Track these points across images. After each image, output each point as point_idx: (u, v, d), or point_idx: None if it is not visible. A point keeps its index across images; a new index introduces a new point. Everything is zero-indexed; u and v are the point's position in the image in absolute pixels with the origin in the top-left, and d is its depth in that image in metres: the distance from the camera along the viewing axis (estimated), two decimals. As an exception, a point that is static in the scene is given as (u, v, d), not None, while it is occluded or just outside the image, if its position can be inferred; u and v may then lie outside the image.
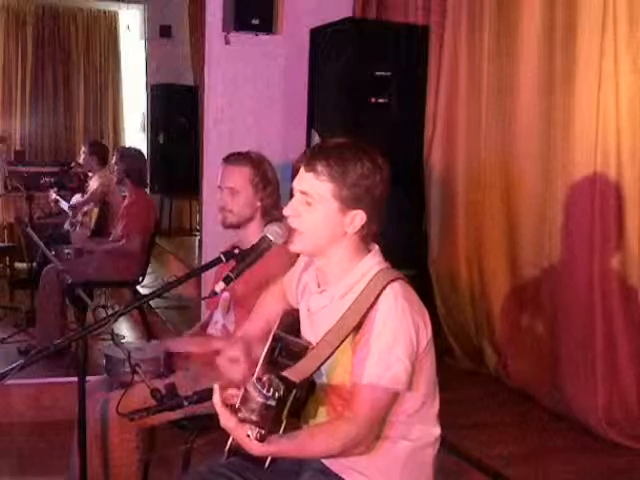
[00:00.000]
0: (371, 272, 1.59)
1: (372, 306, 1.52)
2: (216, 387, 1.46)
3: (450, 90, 4.15)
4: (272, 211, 2.42)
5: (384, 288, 1.53)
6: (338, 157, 1.56)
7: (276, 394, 1.33)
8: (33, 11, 8.00)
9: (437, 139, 4.23)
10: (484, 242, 3.94)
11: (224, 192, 2.40)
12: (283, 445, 1.43)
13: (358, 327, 1.53)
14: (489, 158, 3.88)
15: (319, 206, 1.56)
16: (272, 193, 2.42)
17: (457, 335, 4.13)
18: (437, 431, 1.68)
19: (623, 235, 3.10)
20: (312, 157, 1.58)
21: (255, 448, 1.39)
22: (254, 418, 1.34)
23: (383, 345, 1.50)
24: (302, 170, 1.59)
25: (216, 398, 1.44)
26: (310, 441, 1.49)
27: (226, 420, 1.41)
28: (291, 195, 1.63)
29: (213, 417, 1.46)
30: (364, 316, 1.52)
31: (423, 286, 3.90)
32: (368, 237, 1.63)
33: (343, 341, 1.52)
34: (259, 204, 2.40)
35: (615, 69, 3.04)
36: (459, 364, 4.03)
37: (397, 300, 1.52)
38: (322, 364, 1.52)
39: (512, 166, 3.72)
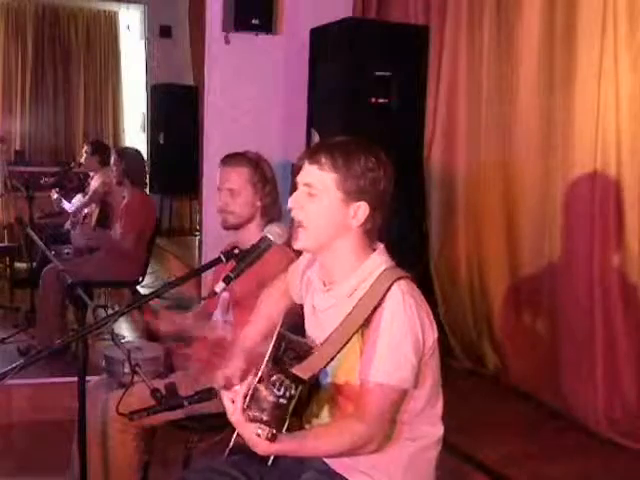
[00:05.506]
0: (377, 270, 1.58)
1: (379, 304, 1.52)
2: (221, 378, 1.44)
3: (450, 90, 4.15)
4: (271, 210, 2.42)
5: (390, 286, 1.53)
6: (342, 150, 1.56)
7: (287, 393, 1.32)
8: (33, 11, 7.99)
9: (437, 139, 4.23)
10: (484, 242, 3.94)
11: (224, 193, 2.40)
12: (291, 444, 1.43)
13: (365, 325, 1.53)
14: (489, 158, 3.88)
15: (323, 197, 1.56)
16: (271, 192, 2.42)
17: (457, 335, 4.12)
18: (440, 431, 1.68)
19: (623, 235, 3.09)
20: (316, 151, 1.59)
21: (263, 447, 1.38)
22: (265, 417, 1.33)
23: (391, 343, 1.50)
24: (306, 163, 1.59)
25: (224, 392, 1.44)
26: (318, 440, 1.49)
27: (233, 415, 1.40)
28: (292, 193, 1.63)
29: (214, 417, 1.46)
30: (371, 314, 1.52)
31: (423, 286, 3.87)
32: (372, 233, 1.62)
33: (350, 339, 1.52)
34: (259, 204, 2.40)
35: (615, 69, 3.04)
36: (459, 364, 4.03)
37: (404, 298, 1.52)
38: (329, 362, 1.52)
39: (512, 166, 3.71)
